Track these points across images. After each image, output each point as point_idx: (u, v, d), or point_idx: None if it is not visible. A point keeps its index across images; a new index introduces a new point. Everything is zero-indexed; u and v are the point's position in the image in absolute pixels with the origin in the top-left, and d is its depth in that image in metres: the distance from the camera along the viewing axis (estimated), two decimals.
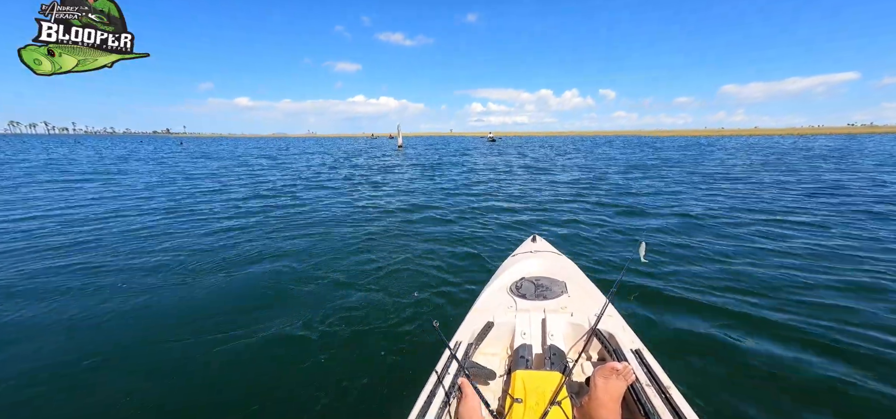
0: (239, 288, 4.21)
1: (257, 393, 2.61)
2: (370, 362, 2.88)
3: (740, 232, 6.10)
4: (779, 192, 9.87)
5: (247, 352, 3.04)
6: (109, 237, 6.24)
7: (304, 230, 6.67)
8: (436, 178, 14.56)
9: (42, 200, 9.60)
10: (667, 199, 9.25)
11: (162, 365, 2.96)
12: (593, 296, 2.55)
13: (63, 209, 8.52)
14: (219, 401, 2.58)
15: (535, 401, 1.46)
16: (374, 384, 2.65)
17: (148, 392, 2.69)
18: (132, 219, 7.56)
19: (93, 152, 34.12)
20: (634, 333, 2.06)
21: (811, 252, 5.01)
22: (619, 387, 1.49)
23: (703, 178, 13.44)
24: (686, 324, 3.30)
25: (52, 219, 7.51)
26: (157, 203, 9.40)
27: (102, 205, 9.11)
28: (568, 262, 3.14)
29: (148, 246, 5.78)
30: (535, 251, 3.29)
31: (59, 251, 5.46)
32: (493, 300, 2.50)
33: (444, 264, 4.80)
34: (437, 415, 1.50)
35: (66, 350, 3.13)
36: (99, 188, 11.88)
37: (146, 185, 12.86)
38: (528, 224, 6.98)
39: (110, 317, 3.61)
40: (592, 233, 6.36)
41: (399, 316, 3.48)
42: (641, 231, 6.28)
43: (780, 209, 7.77)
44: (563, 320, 2.16)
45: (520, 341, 1.98)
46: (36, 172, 16.10)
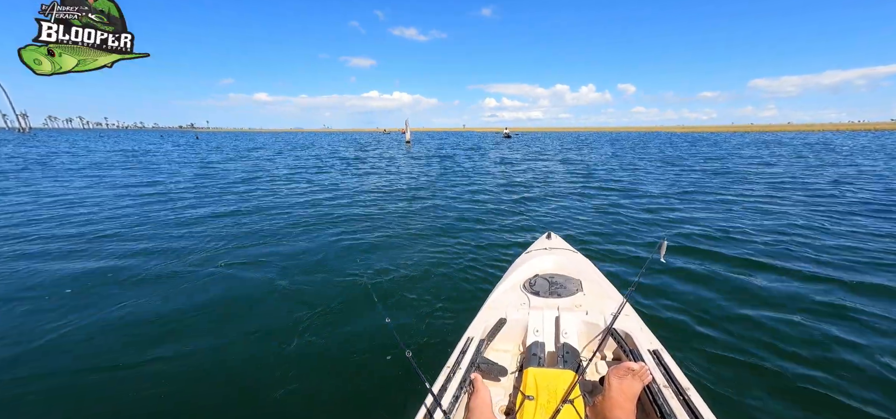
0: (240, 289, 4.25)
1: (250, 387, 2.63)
2: (379, 359, 2.87)
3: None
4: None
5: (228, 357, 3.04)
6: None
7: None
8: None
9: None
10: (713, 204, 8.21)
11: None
12: (610, 294, 2.50)
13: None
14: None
15: (546, 398, 1.46)
16: (384, 381, 2.64)
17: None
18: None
19: (171, 146, 34.40)
20: (652, 334, 2.02)
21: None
22: (634, 387, 1.46)
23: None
24: (715, 332, 3.12)
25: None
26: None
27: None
28: (584, 260, 3.07)
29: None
30: (550, 248, 3.24)
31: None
32: (506, 296, 2.49)
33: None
34: (448, 409, 1.50)
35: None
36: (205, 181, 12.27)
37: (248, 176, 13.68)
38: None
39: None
40: (612, 229, 6.18)
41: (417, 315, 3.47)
42: (669, 232, 6.01)
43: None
44: (578, 318, 2.13)
45: (532, 338, 1.97)
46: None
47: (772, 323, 3.22)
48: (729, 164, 16.53)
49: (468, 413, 1.52)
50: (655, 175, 13.21)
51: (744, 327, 3.19)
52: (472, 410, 1.50)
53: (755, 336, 3.05)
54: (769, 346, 2.92)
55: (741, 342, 2.97)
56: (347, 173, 14.90)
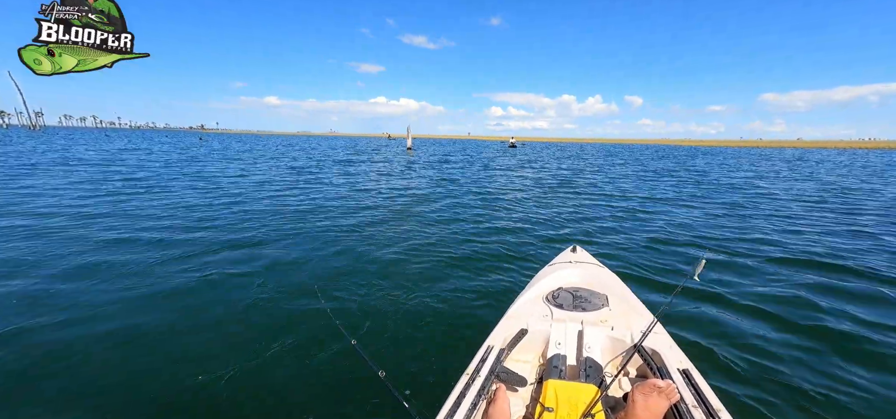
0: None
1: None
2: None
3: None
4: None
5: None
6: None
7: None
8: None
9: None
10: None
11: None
12: (639, 311, 2.44)
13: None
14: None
15: (566, 411, 1.44)
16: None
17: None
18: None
19: (206, 150, 33.37)
20: (683, 353, 1.96)
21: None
22: (660, 406, 1.43)
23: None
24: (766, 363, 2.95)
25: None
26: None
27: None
28: (611, 276, 3.02)
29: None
30: (575, 262, 3.20)
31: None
32: (528, 308, 2.48)
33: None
34: (466, 415, 1.51)
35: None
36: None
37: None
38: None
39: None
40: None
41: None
42: (706, 247, 5.95)
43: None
44: (602, 334, 2.11)
45: (553, 351, 1.96)
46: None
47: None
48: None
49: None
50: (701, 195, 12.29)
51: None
52: (491, 417, 1.51)
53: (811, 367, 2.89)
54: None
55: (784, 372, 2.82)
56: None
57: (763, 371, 2.83)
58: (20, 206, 7.90)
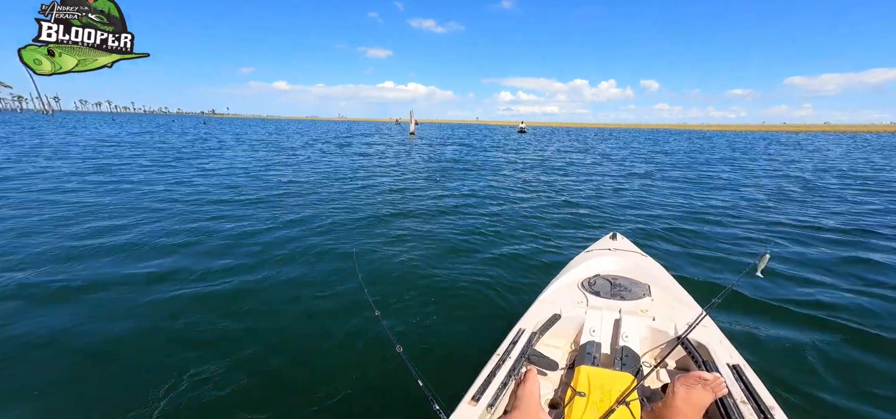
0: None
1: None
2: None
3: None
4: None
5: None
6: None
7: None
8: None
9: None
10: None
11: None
12: (684, 302, 2.34)
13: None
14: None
15: (599, 397, 1.42)
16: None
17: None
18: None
19: (229, 135, 33.02)
20: (734, 348, 1.87)
21: None
22: (703, 399, 1.36)
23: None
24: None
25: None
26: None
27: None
28: (654, 265, 2.91)
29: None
30: (614, 249, 3.12)
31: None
32: (562, 293, 2.43)
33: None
34: (495, 394, 1.53)
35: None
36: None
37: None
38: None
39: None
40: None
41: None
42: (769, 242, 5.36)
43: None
44: (642, 323, 2.04)
45: (587, 338, 1.93)
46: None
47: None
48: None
49: (515, 399, 1.53)
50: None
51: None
52: (520, 398, 1.51)
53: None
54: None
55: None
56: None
57: (839, 385, 2.53)
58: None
